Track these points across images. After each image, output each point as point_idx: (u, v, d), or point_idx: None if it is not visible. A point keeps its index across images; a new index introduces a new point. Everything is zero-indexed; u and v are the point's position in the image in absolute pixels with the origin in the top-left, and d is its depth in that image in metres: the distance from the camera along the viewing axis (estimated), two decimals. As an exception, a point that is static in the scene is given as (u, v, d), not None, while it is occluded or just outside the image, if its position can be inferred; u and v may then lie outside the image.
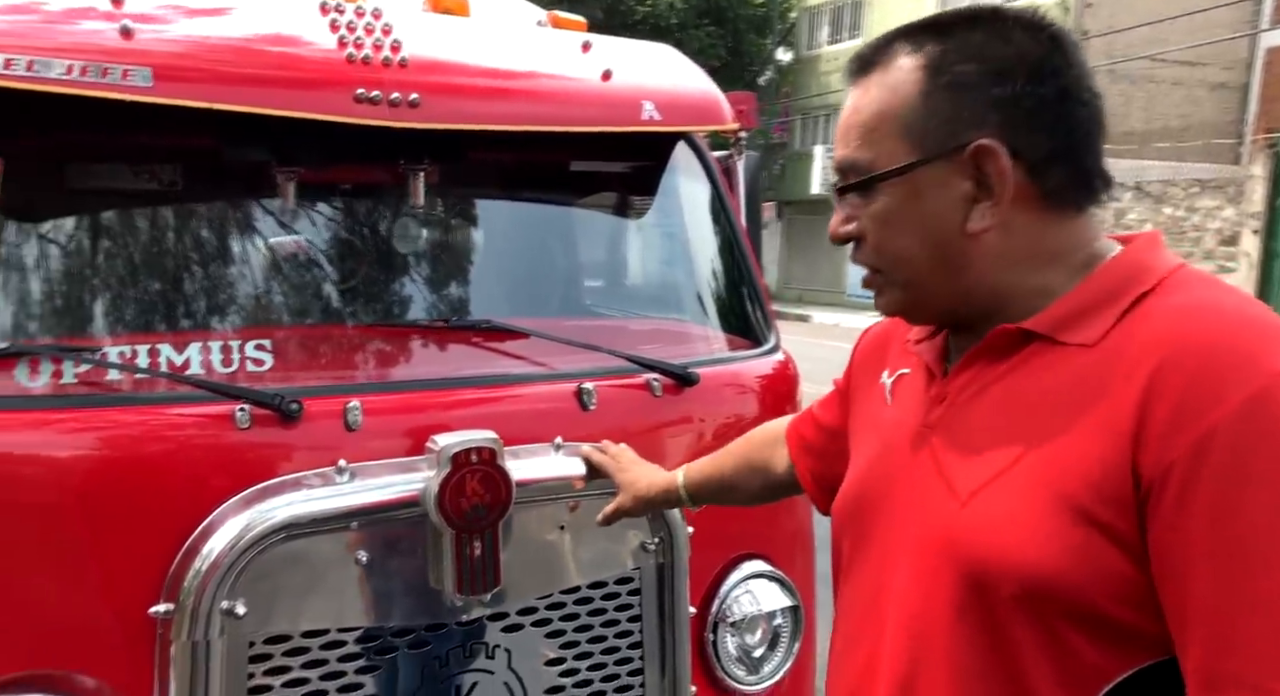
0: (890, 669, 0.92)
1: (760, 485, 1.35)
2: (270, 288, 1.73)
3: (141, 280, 1.63)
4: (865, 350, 1.15)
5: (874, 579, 0.96)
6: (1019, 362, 0.89)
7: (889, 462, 0.98)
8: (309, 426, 1.47)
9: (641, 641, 1.67)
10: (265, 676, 1.39)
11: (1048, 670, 0.81)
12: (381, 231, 1.86)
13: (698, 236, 2.17)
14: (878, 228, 0.92)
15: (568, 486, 1.57)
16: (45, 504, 1.33)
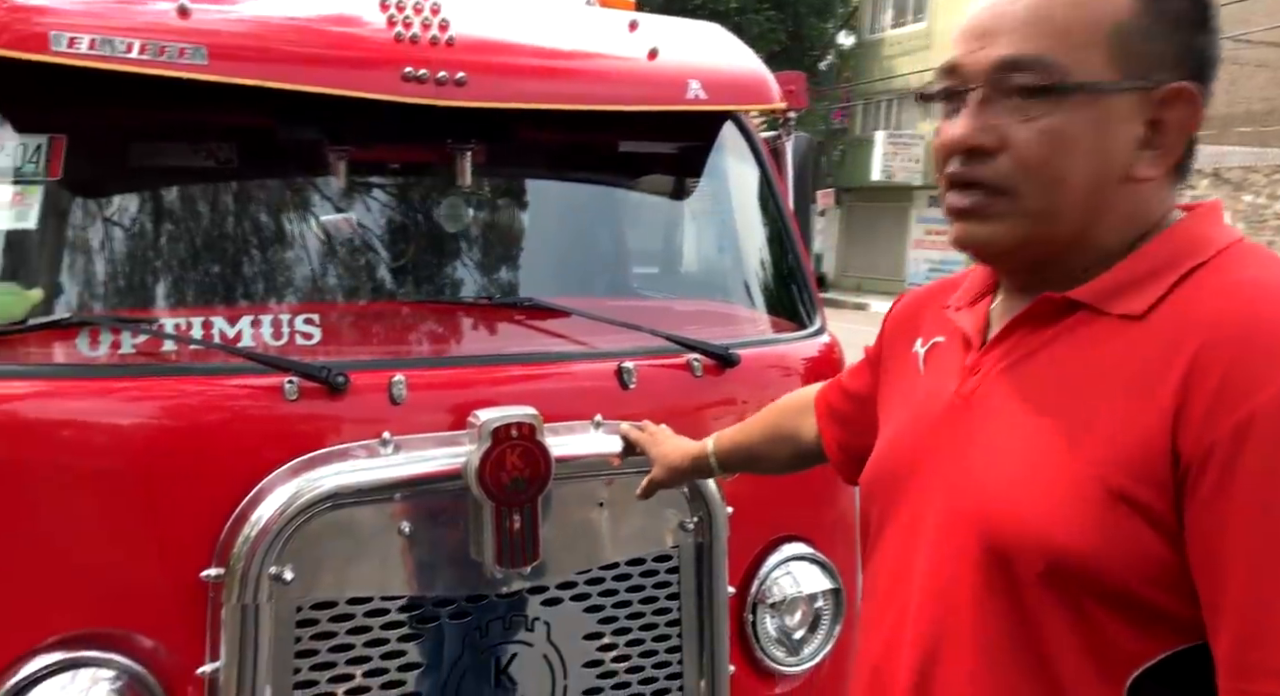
0: (914, 643, 0.90)
1: (788, 454, 1.34)
2: (319, 264, 1.77)
3: (196, 255, 1.69)
4: (898, 318, 1.12)
5: (901, 551, 0.95)
6: (1061, 332, 0.86)
7: (920, 433, 0.96)
8: (355, 399, 1.50)
9: (680, 619, 1.68)
10: (312, 640, 1.43)
11: (1076, 651, 0.79)
12: (428, 210, 1.89)
13: (744, 218, 2.16)
14: (1040, 144, 0.82)
15: (607, 463, 1.58)
16: (103, 469, 1.38)
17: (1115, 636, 0.78)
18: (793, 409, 1.34)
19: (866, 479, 1.04)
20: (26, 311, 1.49)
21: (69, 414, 1.38)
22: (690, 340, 1.77)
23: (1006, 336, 0.90)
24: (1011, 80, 0.82)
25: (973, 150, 0.85)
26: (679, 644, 1.68)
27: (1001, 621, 0.83)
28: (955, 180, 0.87)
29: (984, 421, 0.88)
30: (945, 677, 0.87)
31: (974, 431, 0.89)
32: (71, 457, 1.37)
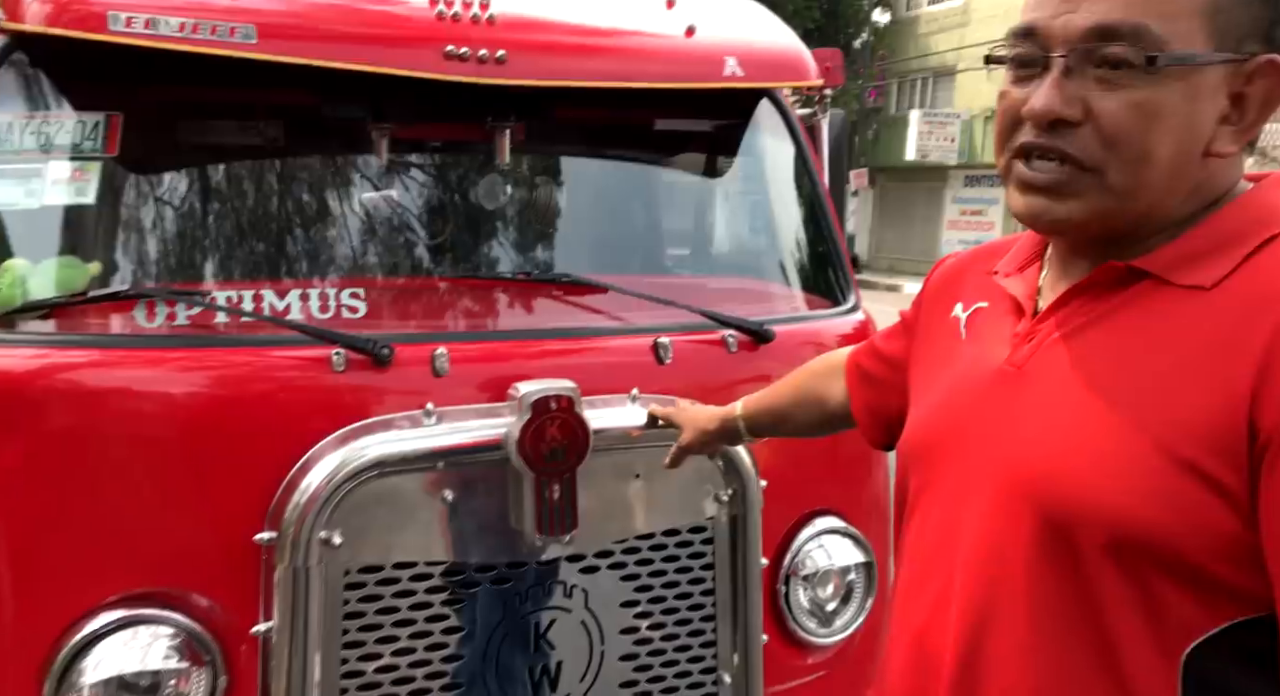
0: (962, 613, 0.89)
1: (815, 417, 1.34)
2: (363, 240, 1.81)
3: (245, 230, 1.74)
4: (938, 282, 1.10)
5: (944, 519, 0.93)
6: (1123, 303, 0.84)
7: (966, 401, 0.94)
8: (399, 371, 1.54)
9: (714, 589, 1.71)
10: (359, 603, 1.48)
11: (1134, 621, 0.78)
12: (468, 188, 1.92)
13: (779, 195, 2.17)
14: (1129, 118, 0.79)
15: (644, 436, 1.61)
16: (161, 436, 1.44)
17: (1175, 607, 0.77)
18: (822, 372, 1.34)
19: (907, 446, 1.03)
20: (86, 284, 1.55)
21: (128, 382, 1.43)
22: (725, 316, 1.79)
23: (1064, 304, 0.88)
24: (1104, 49, 0.78)
25: (1055, 122, 0.81)
26: (713, 613, 1.71)
27: (1057, 591, 0.82)
28: (1030, 151, 0.84)
29: (1040, 390, 0.86)
30: (996, 647, 0.86)
31: (1028, 400, 0.87)
32: (130, 424, 1.43)
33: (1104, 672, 0.80)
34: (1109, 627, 0.79)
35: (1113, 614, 0.79)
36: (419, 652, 1.52)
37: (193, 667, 1.44)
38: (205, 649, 1.45)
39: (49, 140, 1.53)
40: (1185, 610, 0.77)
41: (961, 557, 0.90)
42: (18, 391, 1.39)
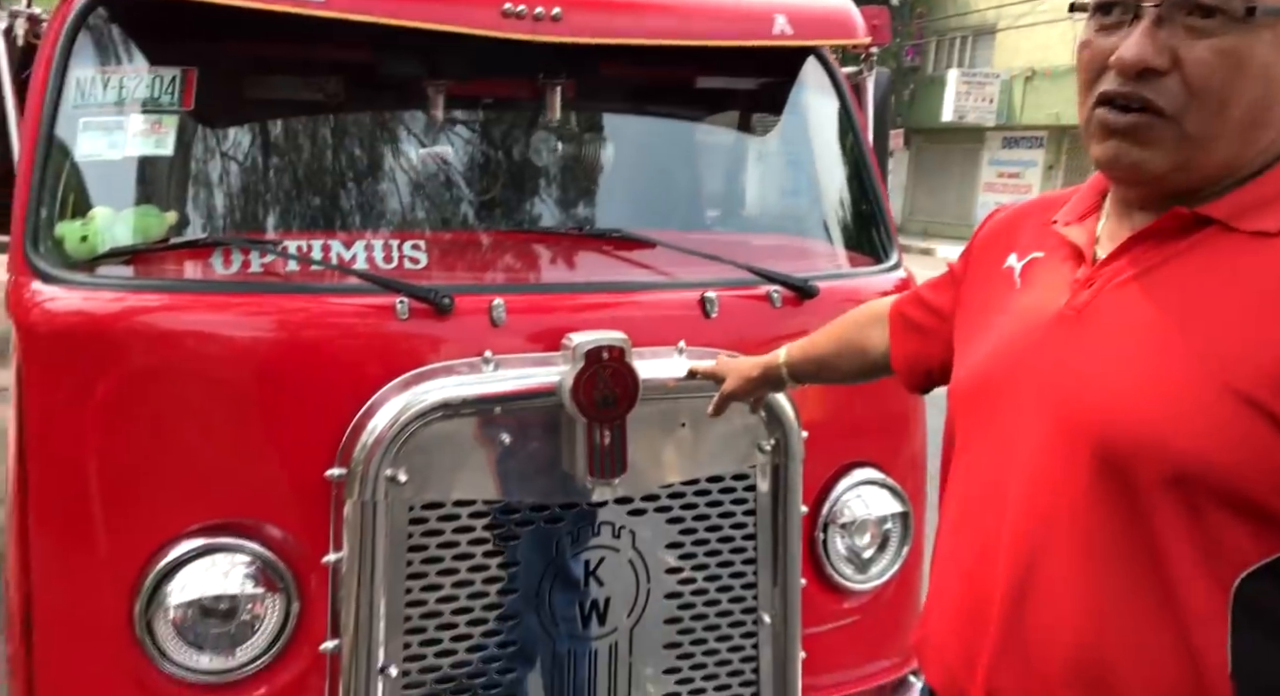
0: (1013, 546, 0.92)
1: (855, 364, 1.38)
2: (422, 194, 1.88)
3: (312, 182, 1.81)
4: (990, 235, 1.13)
5: (996, 459, 0.96)
6: (1188, 248, 0.87)
7: (1023, 345, 0.96)
8: (459, 320, 1.62)
9: (755, 534, 1.78)
10: (422, 536, 1.57)
11: (1188, 551, 0.82)
12: (521, 143, 1.98)
13: (824, 153, 2.20)
14: (1215, 66, 0.81)
15: (690, 386, 1.68)
16: (236, 376, 1.52)
17: (1230, 538, 0.81)
18: (864, 320, 1.38)
19: (959, 391, 1.05)
20: (164, 232, 1.63)
21: (205, 325, 1.51)
22: (771, 272, 1.84)
23: (1127, 250, 0.91)
24: None
25: (1144, 71, 0.83)
26: (754, 556, 1.79)
27: (1112, 525, 0.85)
28: (1114, 99, 0.86)
29: (1101, 332, 0.89)
30: (1048, 579, 0.89)
31: (1088, 342, 0.90)
32: (207, 365, 1.51)
33: (1156, 600, 0.84)
34: (1163, 558, 0.83)
35: (1167, 545, 0.83)
36: (477, 584, 1.61)
37: (267, 593, 1.54)
38: (279, 576, 1.54)
39: (129, 94, 1.60)
40: (1240, 541, 0.81)
41: (1014, 494, 0.93)
42: (102, 332, 1.47)
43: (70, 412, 1.46)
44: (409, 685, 1.58)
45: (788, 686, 1.81)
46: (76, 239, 1.53)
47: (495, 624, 1.63)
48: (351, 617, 1.54)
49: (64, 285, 1.49)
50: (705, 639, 1.77)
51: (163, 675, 1.51)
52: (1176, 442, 0.82)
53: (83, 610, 1.50)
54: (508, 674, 1.65)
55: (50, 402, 1.46)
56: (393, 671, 1.56)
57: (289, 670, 1.57)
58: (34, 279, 1.49)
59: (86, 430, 1.46)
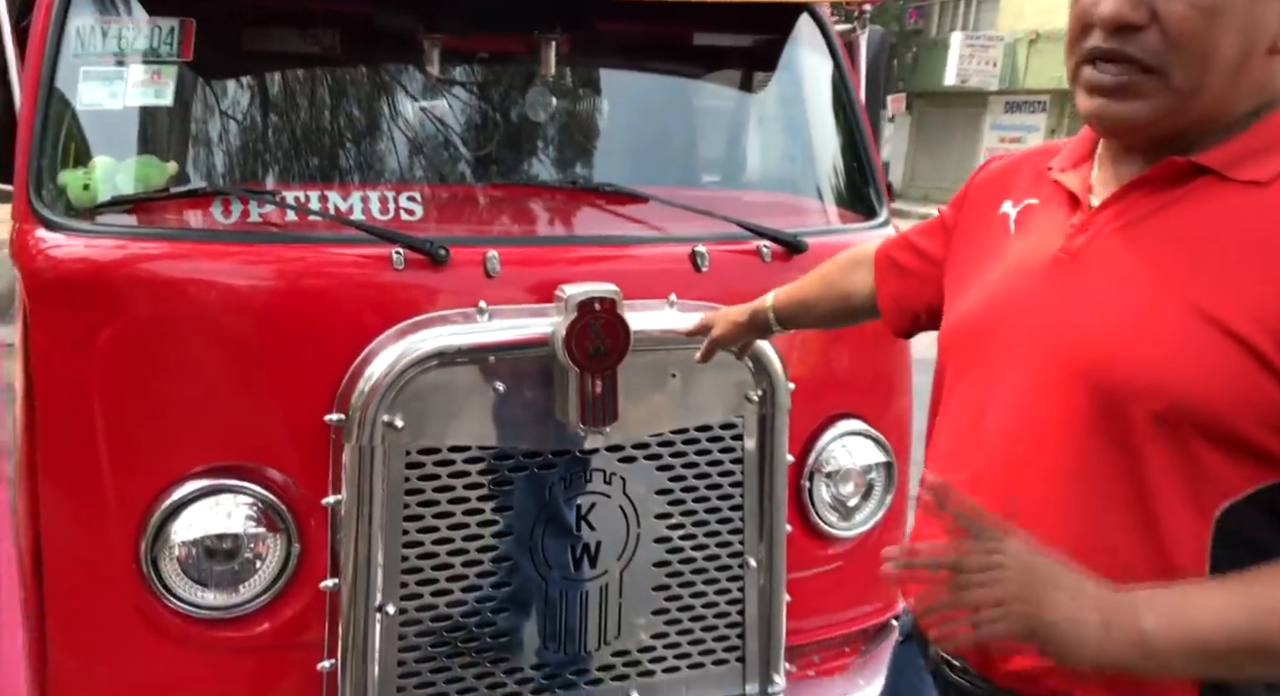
0: (996, 479, 0.96)
1: (840, 307, 1.41)
2: (418, 147, 1.90)
3: (310, 134, 1.83)
4: (985, 182, 1.14)
5: (983, 398, 0.99)
6: (1181, 196, 0.89)
7: (1016, 288, 0.99)
8: (454, 271, 1.65)
9: (742, 481, 1.84)
10: (419, 480, 1.62)
11: (1174, 483, 0.86)
12: (516, 98, 2.00)
13: (816, 111, 2.22)
14: (1197, 18, 0.83)
15: (679, 338, 1.72)
16: (236, 323, 1.56)
17: (1215, 471, 0.85)
18: (847, 264, 1.41)
19: (950, 334, 1.08)
20: (165, 182, 1.66)
21: (205, 273, 1.55)
22: (760, 227, 1.87)
23: (1122, 197, 0.93)
24: None
25: (1122, 26, 0.85)
26: (741, 503, 1.84)
27: (1103, 458, 0.89)
28: (1098, 56, 0.88)
29: (1096, 276, 0.92)
30: (1031, 511, 0.92)
31: (1083, 285, 0.92)
32: (208, 312, 1.55)
33: (1140, 529, 0.88)
34: (1149, 489, 0.87)
35: (1154, 477, 0.87)
36: (472, 527, 1.66)
37: (269, 533, 1.59)
38: (280, 517, 1.60)
39: (128, 44, 1.62)
40: (1225, 473, 0.85)
41: (999, 431, 0.97)
42: (106, 279, 1.51)
43: (75, 357, 1.50)
44: (406, 622, 1.64)
45: (772, 628, 1.88)
46: (79, 187, 1.57)
47: (489, 565, 1.68)
48: (350, 558, 1.60)
49: (67, 232, 1.53)
50: (693, 582, 1.83)
51: (169, 610, 1.57)
52: (1168, 382, 0.85)
53: (91, 551, 1.56)
54: (502, 613, 1.71)
55: (55, 347, 1.50)
56: (390, 609, 1.62)
57: (290, 607, 1.63)
58: (38, 226, 1.52)
59: (91, 374, 1.50)
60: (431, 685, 1.67)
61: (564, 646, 1.75)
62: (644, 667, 1.81)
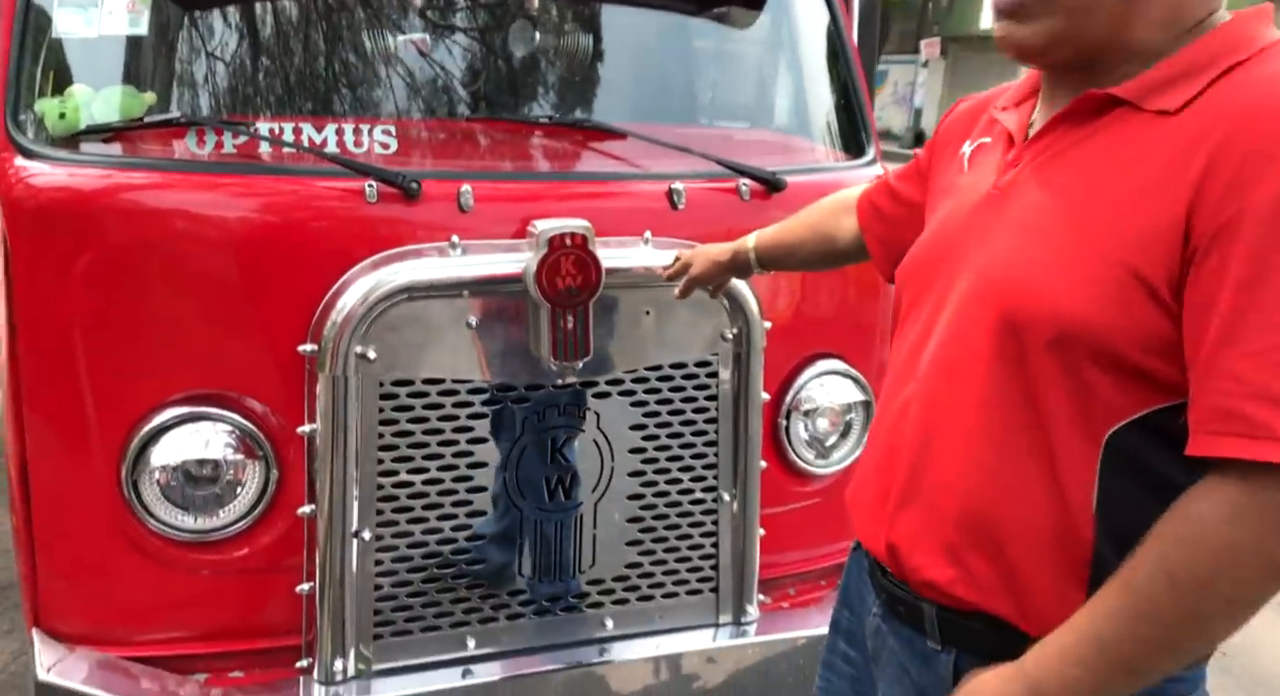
0: (922, 405, 1.01)
1: (824, 250, 1.42)
2: (396, 80, 1.90)
3: (287, 66, 1.84)
4: (951, 124, 1.18)
5: (923, 329, 1.04)
6: (1100, 128, 0.91)
7: (955, 224, 1.03)
8: (427, 205, 1.66)
9: (716, 418, 1.86)
10: (393, 411, 1.65)
11: (1065, 407, 0.89)
12: (498, 33, 1.98)
13: (805, 49, 2.19)
14: None
15: (654, 275, 1.72)
16: (211, 253, 1.58)
17: (1103, 396, 0.88)
18: (831, 209, 1.42)
19: (901, 269, 1.12)
20: (143, 112, 1.68)
21: (182, 203, 1.57)
22: (739, 164, 1.86)
23: (1048, 132, 0.96)
24: None
25: None
26: (715, 439, 1.86)
27: (1004, 383, 0.93)
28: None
29: (1015, 209, 0.95)
30: (946, 434, 0.98)
31: (1004, 218, 0.96)
32: (184, 242, 1.57)
33: (1035, 452, 0.92)
34: (1043, 414, 0.91)
35: (1048, 402, 0.90)
36: (447, 458, 1.69)
37: (247, 460, 1.64)
38: (258, 445, 1.64)
39: (102, -28, 1.63)
40: (1114, 398, 0.88)
41: (930, 358, 1.01)
42: (86, 208, 1.54)
43: (55, 285, 1.53)
44: (382, 548, 1.69)
45: (746, 561, 1.91)
46: (55, 115, 1.58)
47: (464, 494, 1.72)
48: (326, 485, 1.64)
49: (47, 161, 1.55)
50: (667, 515, 1.86)
51: (151, 533, 1.62)
52: (1061, 308, 0.88)
53: (75, 476, 1.61)
54: (477, 541, 1.75)
55: (35, 276, 1.54)
56: (366, 535, 1.67)
57: (269, 532, 1.68)
58: (16, 154, 1.55)
59: (71, 302, 1.54)
60: (408, 608, 1.73)
61: (539, 574, 1.79)
62: (618, 596, 1.86)
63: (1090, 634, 0.85)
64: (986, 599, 0.96)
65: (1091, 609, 0.86)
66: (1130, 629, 0.83)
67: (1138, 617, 0.82)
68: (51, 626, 1.64)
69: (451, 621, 1.75)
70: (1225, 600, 0.80)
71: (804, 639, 1.88)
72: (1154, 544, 0.83)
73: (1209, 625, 0.82)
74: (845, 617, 1.24)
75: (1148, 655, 0.84)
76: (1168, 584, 0.80)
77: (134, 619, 1.67)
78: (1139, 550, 0.84)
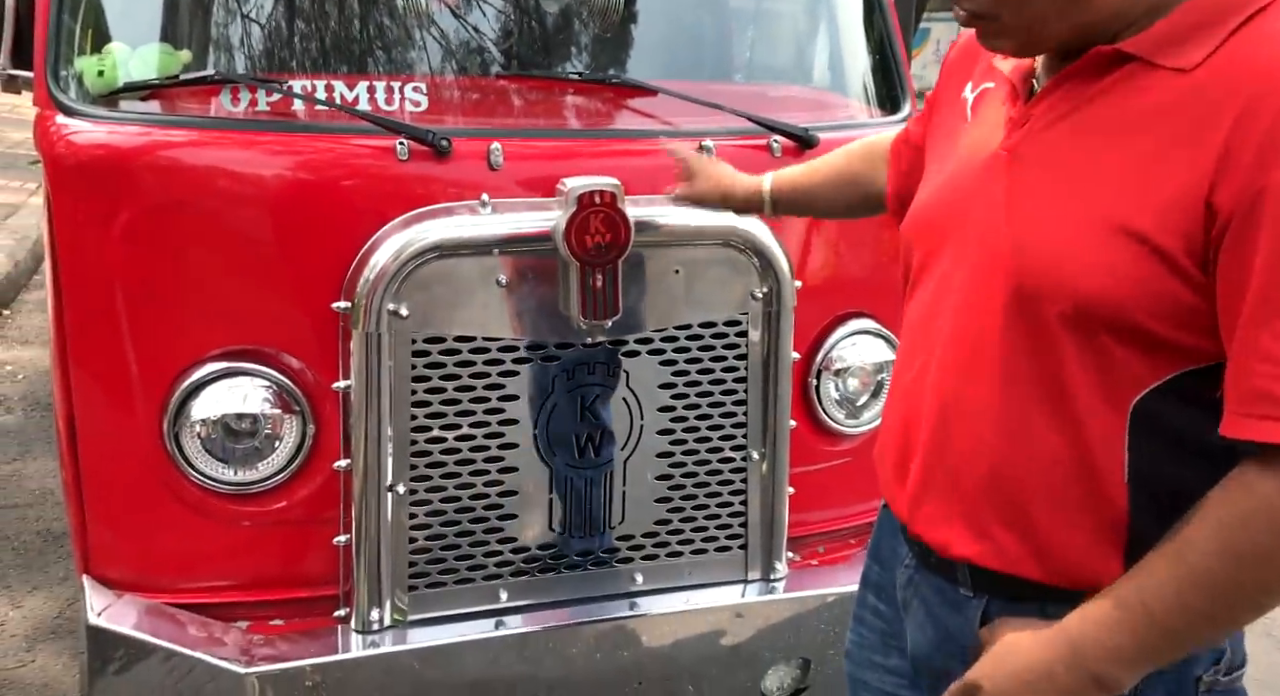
0: (941, 373, 0.99)
1: (850, 199, 1.39)
2: (427, 38, 1.90)
3: (318, 25, 1.84)
4: (953, 62, 1.14)
5: (936, 294, 1.02)
6: (1110, 86, 0.87)
7: (962, 183, 1.00)
8: (457, 163, 1.67)
9: (746, 377, 1.86)
10: (425, 368, 1.67)
11: (1088, 378, 0.88)
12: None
13: (841, 3, 2.14)
14: None
15: (685, 233, 1.72)
16: (254, 211, 1.61)
17: (1124, 365, 0.86)
18: (861, 154, 1.38)
19: (907, 227, 1.09)
20: (179, 69, 1.70)
21: (220, 161, 1.59)
22: (769, 120, 1.84)
23: (1054, 89, 0.92)
24: None
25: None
26: (744, 398, 1.87)
27: (1023, 355, 0.91)
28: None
29: (1025, 173, 0.92)
30: (965, 409, 0.97)
31: (1014, 183, 0.93)
32: (221, 199, 1.60)
33: (1060, 422, 0.91)
34: (1067, 385, 0.89)
35: (1070, 373, 0.89)
36: (478, 415, 1.72)
37: (285, 415, 1.67)
38: (295, 400, 1.68)
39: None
40: (1134, 367, 0.86)
41: (946, 328, 0.99)
42: (126, 165, 1.57)
43: (96, 241, 1.57)
44: (416, 502, 1.72)
45: (775, 518, 1.92)
46: (93, 73, 1.61)
47: (496, 450, 1.74)
48: (360, 440, 1.67)
49: (87, 119, 1.58)
50: (696, 472, 1.87)
51: (193, 485, 1.67)
52: (1074, 280, 0.86)
53: (119, 430, 1.65)
54: (509, 496, 1.78)
55: (77, 232, 1.57)
56: (400, 489, 1.70)
57: (306, 485, 1.72)
58: (58, 112, 1.57)
59: (112, 258, 1.58)
60: (441, 560, 1.76)
61: (570, 530, 1.82)
62: (648, 551, 1.88)
63: (1135, 602, 0.84)
64: (1018, 567, 0.96)
65: (1138, 580, 0.85)
66: (1181, 600, 0.82)
67: (1192, 589, 0.81)
68: (101, 573, 1.71)
69: (484, 574, 1.79)
70: None
71: (833, 596, 1.89)
72: (1210, 516, 0.82)
73: (1265, 598, 0.82)
74: (875, 571, 1.24)
75: (1196, 625, 0.84)
76: (1227, 558, 0.80)
77: (178, 567, 1.73)
78: (1193, 522, 0.82)
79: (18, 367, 4.41)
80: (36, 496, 3.29)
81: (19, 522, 3.14)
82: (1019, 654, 0.90)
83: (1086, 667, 0.85)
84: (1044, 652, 0.88)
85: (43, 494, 3.29)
